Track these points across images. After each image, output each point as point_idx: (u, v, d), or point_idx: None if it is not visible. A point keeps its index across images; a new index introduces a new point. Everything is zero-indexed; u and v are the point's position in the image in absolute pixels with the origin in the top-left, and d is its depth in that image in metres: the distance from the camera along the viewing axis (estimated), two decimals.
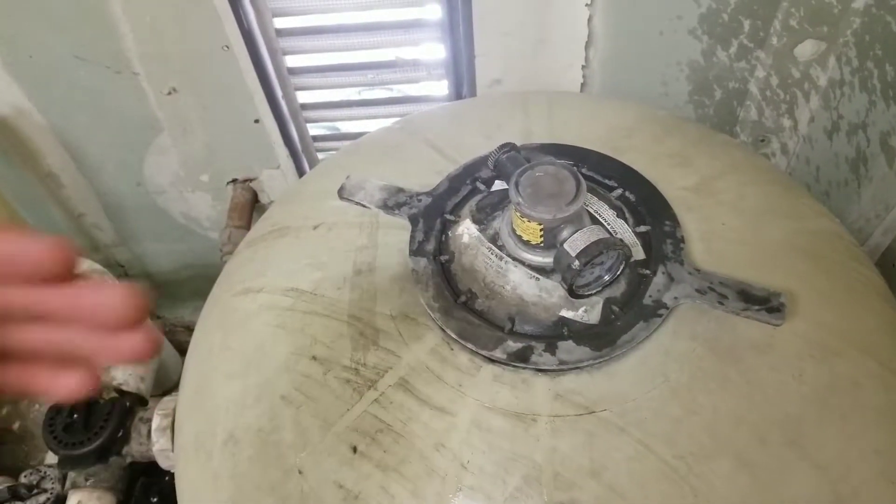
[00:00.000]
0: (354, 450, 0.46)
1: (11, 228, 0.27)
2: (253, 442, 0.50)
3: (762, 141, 1.05)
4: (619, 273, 0.48)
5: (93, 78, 1.03)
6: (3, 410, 1.59)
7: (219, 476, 0.52)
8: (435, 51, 1.01)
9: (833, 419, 0.47)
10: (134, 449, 0.91)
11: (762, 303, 0.47)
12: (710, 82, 1.00)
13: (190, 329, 1.57)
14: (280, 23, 0.99)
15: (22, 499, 0.97)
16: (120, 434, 0.89)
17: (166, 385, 1.23)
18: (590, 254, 0.44)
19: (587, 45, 0.95)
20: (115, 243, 1.38)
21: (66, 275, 0.27)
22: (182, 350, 1.29)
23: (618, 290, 0.49)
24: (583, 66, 0.98)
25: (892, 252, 0.88)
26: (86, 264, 1.02)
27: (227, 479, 0.51)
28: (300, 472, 0.47)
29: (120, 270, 1.43)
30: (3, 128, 1.10)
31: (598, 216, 0.52)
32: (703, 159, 0.62)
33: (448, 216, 0.55)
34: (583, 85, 1.00)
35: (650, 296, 0.49)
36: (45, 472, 0.98)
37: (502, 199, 0.54)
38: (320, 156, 1.22)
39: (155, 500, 0.99)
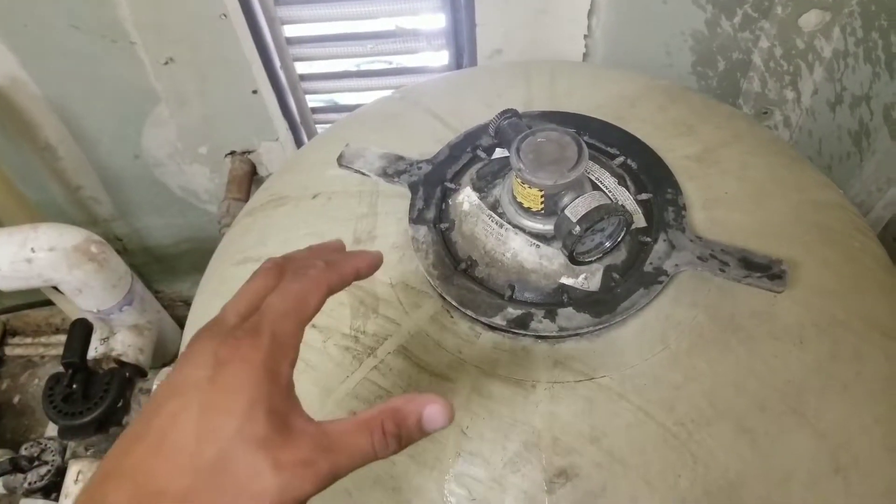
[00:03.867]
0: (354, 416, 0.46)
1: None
2: None
3: (765, 113, 1.05)
4: (619, 240, 0.47)
5: (89, 47, 1.01)
6: (4, 384, 1.59)
7: None
8: (435, 20, 1.00)
9: (834, 387, 0.47)
10: (134, 419, 0.91)
11: (764, 270, 0.47)
12: (713, 53, 0.98)
13: (188, 303, 1.58)
14: None
15: (23, 470, 0.98)
16: (120, 404, 0.90)
17: (165, 357, 1.24)
18: (591, 219, 0.44)
19: (590, 14, 0.94)
20: (113, 217, 1.37)
21: None
22: (181, 324, 1.29)
23: (618, 257, 0.49)
24: (585, 36, 0.96)
25: (893, 226, 0.88)
26: (83, 235, 1.01)
27: None
28: None
29: (118, 244, 1.43)
30: None
31: (599, 184, 0.52)
32: (707, 129, 0.62)
33: (448, 184, 0.55)
34: (585, 55, 0.99)
35: (651, 263, 0.48)
36: (45, 445, 0.98)
37: (503, 167, 0.54)
38: (319, 128, 1.21)
39: None
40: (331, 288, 0.35)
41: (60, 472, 0.96)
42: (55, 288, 1.05)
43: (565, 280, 0.48)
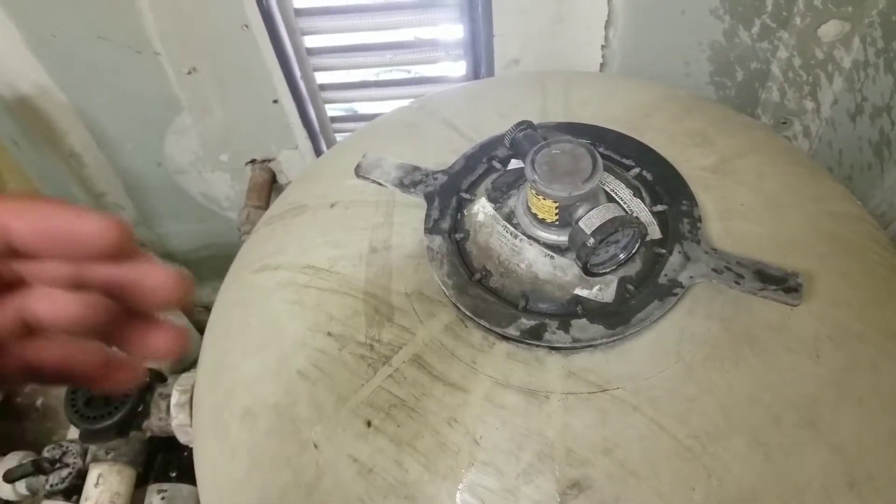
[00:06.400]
0: (369, 424, 0.47)
1: (62, 202, 0.26)
2: (269, 416, 0.51)
3: (784, 123, 1.04)
4: (634, 251, 0.47)
5: (114, 57, 1.03)
6: (28, 387, 1.62)
7: (236, 450, 0.52)
8: (453, 31, 1.00)
9: (850, 401, 0.46)
10: (153, 424, 0.92)
11: (779, 282, 0.47)
12: (731, 63, 0.98)
13: (208, 308, 1.59)
14: (299, 2, 0.99)
15: (45, 472, 0.99)
16: (140, 409, 0.91)
17: (184, 363, 1.25)
18: (605, 231, 0.44)
19: (607, 25, 0.94)
20: (135, 222, 1.39)
21: (123, 252, 0.27)
22: (201, 329, 1.30)
23: (633, 268, 0.49)
24: (602, 46, 0.97)
25: None
26: None
27: (244, 453, 0.52)
28: (315, 446, 0.48)
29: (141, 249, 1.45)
30: (27, 107, 1.12)
31: (614, 195, 0.52)
32: (723, 139, 0.61)
33: (464, 194, 0.55)
34: (602, 65, 0.99)
35: (666, 275, 0.48)
36: (67, 447, 1.00)
37: (518, 178, 0.54)
38: (338, 137, 1.22)
39: (174, 474, 1.01)
40: None
41: (81, 475, 0.97)
42: None
43: (579, 291, 0.48)
